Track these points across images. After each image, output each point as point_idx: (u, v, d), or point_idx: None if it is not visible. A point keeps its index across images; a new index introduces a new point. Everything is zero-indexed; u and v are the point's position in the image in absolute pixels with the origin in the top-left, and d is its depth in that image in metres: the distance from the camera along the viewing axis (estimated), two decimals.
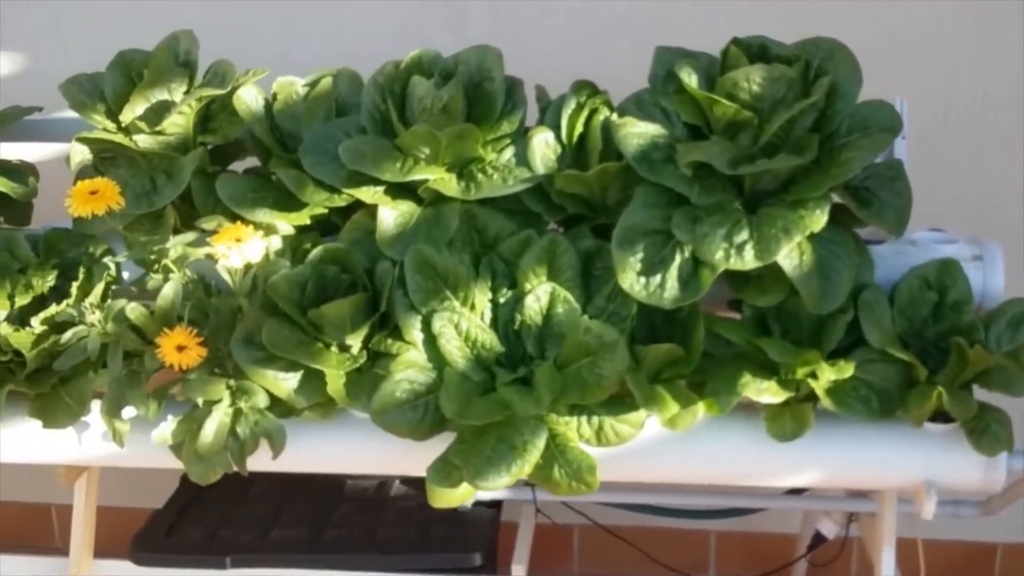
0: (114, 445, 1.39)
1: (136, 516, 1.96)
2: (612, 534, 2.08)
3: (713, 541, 2.34)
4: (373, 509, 1.76)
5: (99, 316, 1.29)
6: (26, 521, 2.42)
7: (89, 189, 1.29)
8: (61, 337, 1.30)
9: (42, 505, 2.41)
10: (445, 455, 1.28)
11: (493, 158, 1.37)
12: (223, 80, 1.42)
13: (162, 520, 1.73)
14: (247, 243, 1.26)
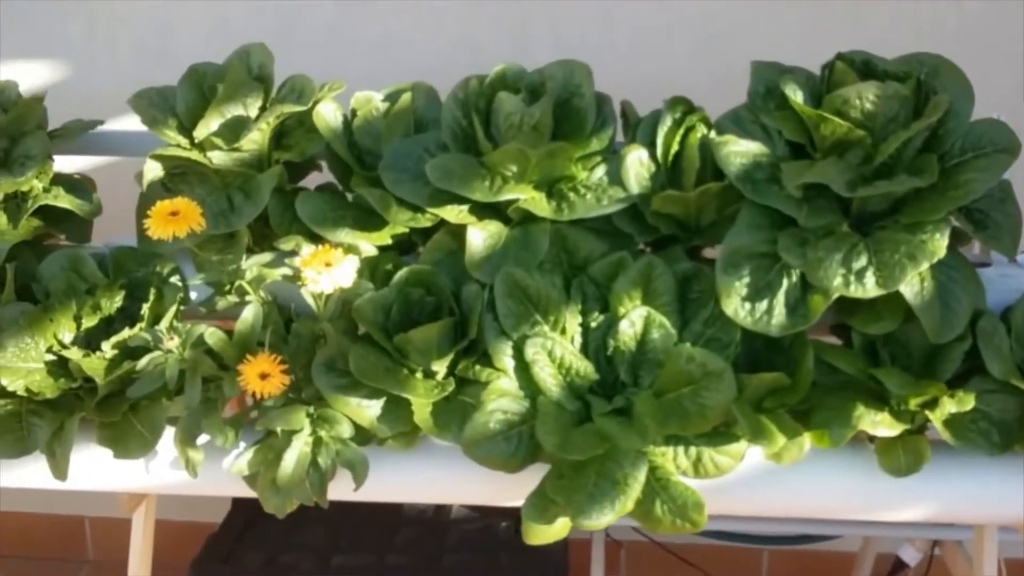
0: (182, 473, 1.33)
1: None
2: (665, 549, 2.03)
3: (766, 559, 2.29)
4: (435, 533, 1.71)
5: (177, 342, 1.23)
6: (59, 533, 2.37)
7: (169, 210, 1.23)
8: (136, 363, 1.24)
9: (75, 517, 2.36)
10: (541, 490, 1.23)
11: (584, 177, 1.31)
12: (300, 95, 1.36)
13: (219, 545, 1.68)
14: (337, 267, 1.20)
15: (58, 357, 1.29)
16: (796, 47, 1.38)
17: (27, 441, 1.26)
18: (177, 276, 1.38)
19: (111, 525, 2.35)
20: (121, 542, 2.34)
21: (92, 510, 2.34)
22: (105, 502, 2.29)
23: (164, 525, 2.31)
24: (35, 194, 1.36)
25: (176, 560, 2.30)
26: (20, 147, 1.37)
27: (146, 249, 1.39)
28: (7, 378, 1.24)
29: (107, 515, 2.33)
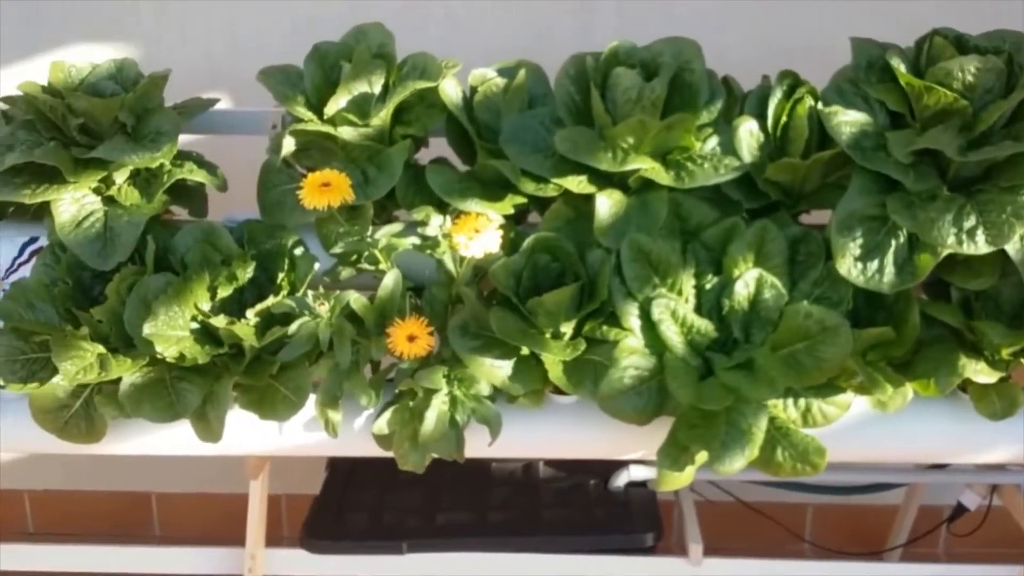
0: (312, 434, 1.40)
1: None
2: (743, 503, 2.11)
3: (810, 514, 2.39)
4: (528, 491, 1.79)
5: (328, 307, 1.30)
6: (125, 510, 2.41)
7: (321, 181, 1.30)
8: (287, 328, 1.30)
9: (142, 494, 2.41)
10: (674, 440, 1.31)
11: (698, 147, 1.39)
12: (423, 73, 1.43)
13: (325, 507, 1.74)
14: (485, 233, 1.27)
15: (201, 325, 1.35)
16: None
17: (177, 406, 1.31)
18: (301, 247, 1.44)
19: (177, 500, 2.40)
20: (186, 518, 2.41)
21: (158, 486, 2.39)
22: (171, 477, 2.35)
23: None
24: (167, 169, 1.41)
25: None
26: (149, 123, 1.42)
27: (272, 222, 1.45)
28: (161, 345, 1.30)
29: (173, 490, 2.38)
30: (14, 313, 1.34)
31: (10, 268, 1.48)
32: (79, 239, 1.38)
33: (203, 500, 2.41)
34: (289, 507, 2.38)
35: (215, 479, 2.34)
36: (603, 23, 1.97)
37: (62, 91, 1.41)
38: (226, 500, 2.38)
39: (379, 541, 1.65)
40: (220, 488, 2.37)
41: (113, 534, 2.39)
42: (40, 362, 1.35)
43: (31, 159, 1.35)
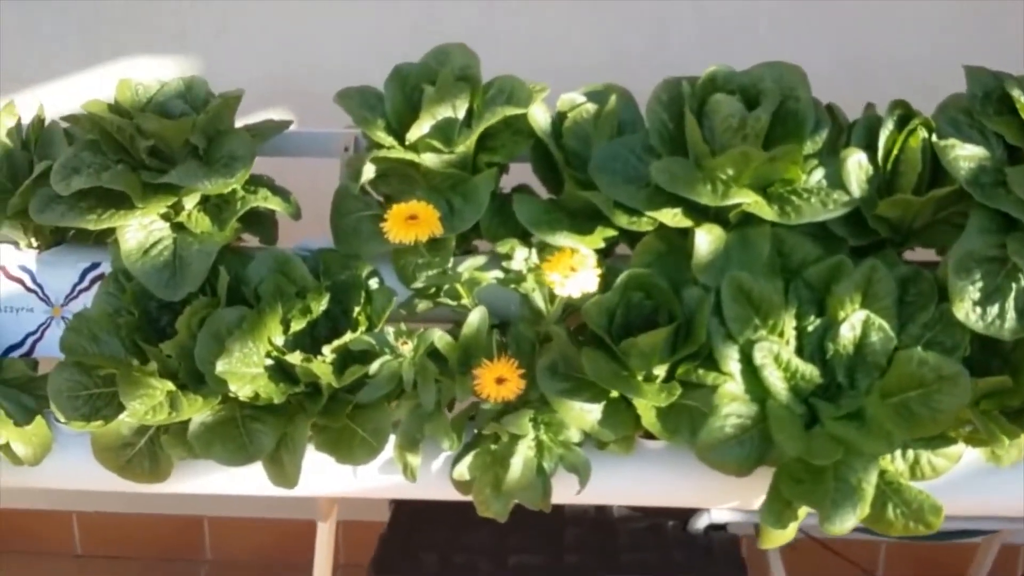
0: (389, 477, 1.33)
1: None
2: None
3: (883, 552, 2.30)
4: (603, 532, 1.71)
5: (411, 346, 1.22)
6: (175, 533, 2.36)
7: (407, 213, 1.22)
8: (367, 367, 1.23)
9: (194, 518, 2.35)
10: (777, 495, 1.23)
11: (803, 180, 1.31)
12: (510, 97, 1.35)
13: (392, 547, 1.67)
14: (582, 272, 1.20)
15: (275, 361, 1.28)
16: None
17: (250, 448, 1.24)
18: (376, 279, 1.37)
19: (229, 525, 2.34)
20: (238, 542, 2.34)
21: (210, 510, 2.33)
22: (223, 502, 2.29)
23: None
24: (240, 196, 1.34)
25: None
26: (222, 146, 1.35)
27: (347, 251, 1.38)
28: (235, 384, 1.23)
29: (225, 515, 2.32)
30: (77, 346, 1.27)
31: (70, 295, 1.42)
32: (146, 268, 1.31)
33: (256, 525, 2.35)
34: (346, 534, 2.32)
35: (269, 504, 2.28)
36: (679, 40, 1.90)
37: (130, 111, 1.34)
38: (280, 525, 2.33)
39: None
40: (274, 513, 2.32)
41: (163, 558, 2.33)
42: (104, 397, 1.29)
43: (98, 183, 1.28)
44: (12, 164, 1.39)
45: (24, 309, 1.42)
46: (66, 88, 2.01)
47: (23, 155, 1.40)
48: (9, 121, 1.42)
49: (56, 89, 2.02)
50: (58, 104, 1.90)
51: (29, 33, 1.95)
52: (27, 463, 1.32)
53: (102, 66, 2.00)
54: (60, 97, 1.93)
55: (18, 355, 1.41)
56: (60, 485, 1.39)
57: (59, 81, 2.02)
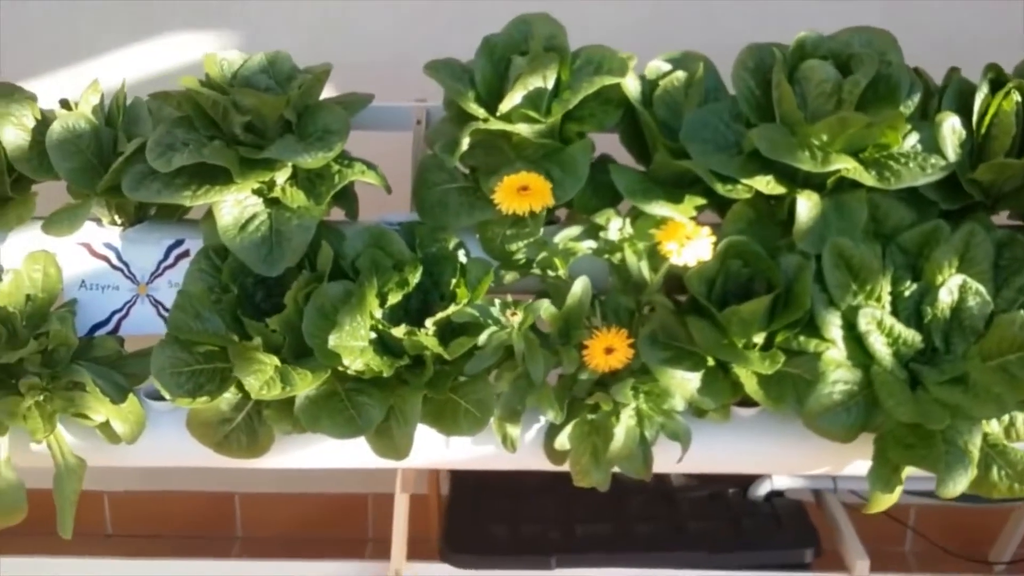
0: (483, 447, 1.34)
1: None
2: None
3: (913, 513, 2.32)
4: (665, 501, 1.72)
5: (520, 317, 1.22)
6: (206, 510, 2.35)
7: (519, 185, 1.22)
8: (476, 339, 1.23)
9: (225, 494, 2.34)
10: (884, 460, 1.24)
11: (898, 145, 1.32)
12: (599, 67, 1.35)
13: (460, 518, 1.67)
14: (696, 241, 1.20)
15: (378, 335, 1.28)
16: None
17: (359, 421, 1.24)
18: (463, 250, 1.37)
19: (260, 501, 2.33)
20: (269, 518, 2.34)
21: (241, 486, 2.32)
22: (253, 479, 2.28)
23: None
24: (337, 170, 1.33)
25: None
26: (315, 121, 1.35)
27: (433, 223, 1.38)
28: (348, 357, 1.22)
29: (256, 491, 2.31)
30: (183, 324, 1.26)
31: (155, 272, 1.41)
32: (244, 243, 1.30)
33: (287, 500, 2.34)
34: (375, 505, 2.32)
35: (299, 479, 2.28)
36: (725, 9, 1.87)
37: (223, 86, 1.33)
38: (311, 500, 2.32)
39: (525, 555, 1.57)
40: (304, 488, 2.31)
41: (194, 536, 2.32)
42: (206, 374, 1.28)
43: (199, 159, 1.27)
44: (98, 141, 1.37)
45: (110, 287, 1.41)
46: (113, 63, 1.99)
47: (108, 132, 1.39)
48: (94, 98, 1.40)
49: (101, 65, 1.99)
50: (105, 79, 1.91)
51: (73, 8, 1.92)
52: (125, 441, 1.31)
53: (147, 40, 1.98)
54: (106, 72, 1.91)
55: (103, 333, 1.41)
56: (152, 463, 1.39)
57: (105, 56, 1.99)
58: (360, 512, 2.29)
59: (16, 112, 1.37)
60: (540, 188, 1.23)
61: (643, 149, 1.40)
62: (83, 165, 1.36)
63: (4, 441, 1.31)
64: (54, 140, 1.34)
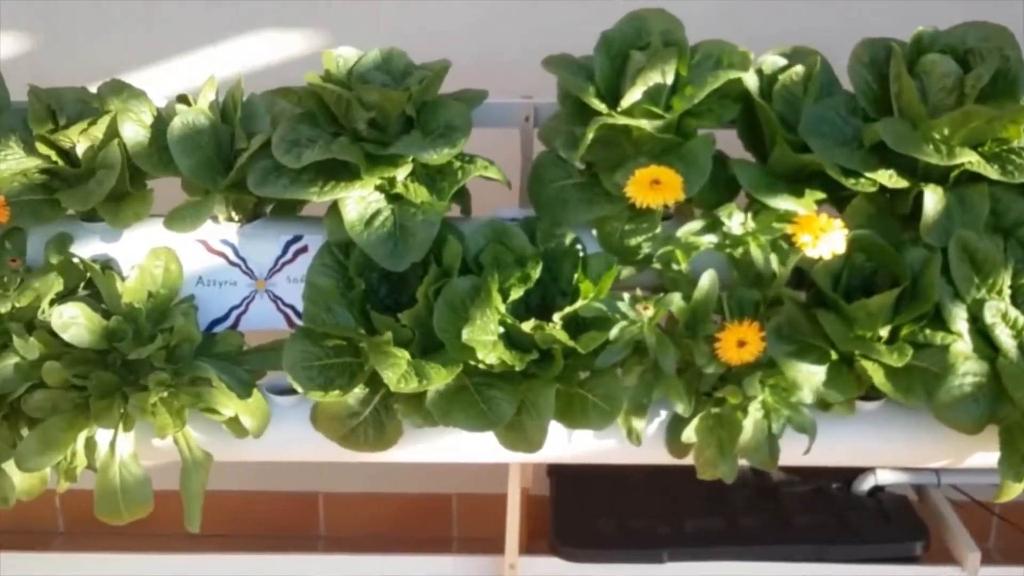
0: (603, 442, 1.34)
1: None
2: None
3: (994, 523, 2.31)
4: (768, 495, 1.72)
5: (652, 311, 1.23)
6: (291, 510, 2.35)
7: (651, 178, 1.23)
8: (607, 333, 1.24)
9: (309, 493, 2.35)
10: (1014, 452, 1.24)
11: (1018, 139, 1.32)
12: (718, 61, 1.36)
13: (568, 512, 1.67)
14: (831, 234, 1.20)
15: (505, 329, 1.29)
16: None
17: (490, 415, 1.25)
18: (579, 245, 1.38)
19: (343, 500, 2.34)
20: (353, 517, 2.34)
21: (325, 486, 2.33)
22: (337, 478, 2.29)
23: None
24: (459, 166, 1.34)
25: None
26: (437, 117, 1.36)
27: (551, 219, 1.39)
28: (482, 351, 1.23)
29: (339, 490, 2.32)
30: (317, 318, 1.27)
31: (273, 268, 1.42)
32: (371, 239, 1.31)
33: (371, 499, 2.35)
34: (460, 505, 2.33)
35: (383, 478, 2.29)
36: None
37: (348, 83, 1.34)
38: (394, 499, 2.33)
39: (637, 549, 1.58)
40: (387, 488, 2.32)
41: (278, 535, 2.33)
42: (336, 368, 1.29)
43: (329, 155, 1.28)
44: (217, 137, 1.38)
45: (227, 283, 1.42)
46: (193, 62, 1.99)
47: (225, 128, 1.40)
48: (210, 95, 1.41)
49: (184, 63, 2.00)
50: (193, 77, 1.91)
51: (152, 7, 1.92)
52: (252, 435, 1.32)
53: (230, 39, 1.98)
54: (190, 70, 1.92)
55: (222, 329, 1.42)
56: (276, 457, 1.40)
57: (185, 55, 2.00)
58: (444, 512, 2.30)
59: (135, 108, 1.38)
60: (672, 182, 1.23)
61: (759, 144, 1.40)
62: (203, 161, 1.37)
63: (130, 436, 1.32)
64: (175, 136, 1.35)
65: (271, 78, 1.45)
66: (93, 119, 1.36)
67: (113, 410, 1.27)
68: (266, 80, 1.48)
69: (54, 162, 1.38)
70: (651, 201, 1.23)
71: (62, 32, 1.92)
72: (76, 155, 1.38)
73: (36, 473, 1.32)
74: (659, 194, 1.23)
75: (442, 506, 2.32)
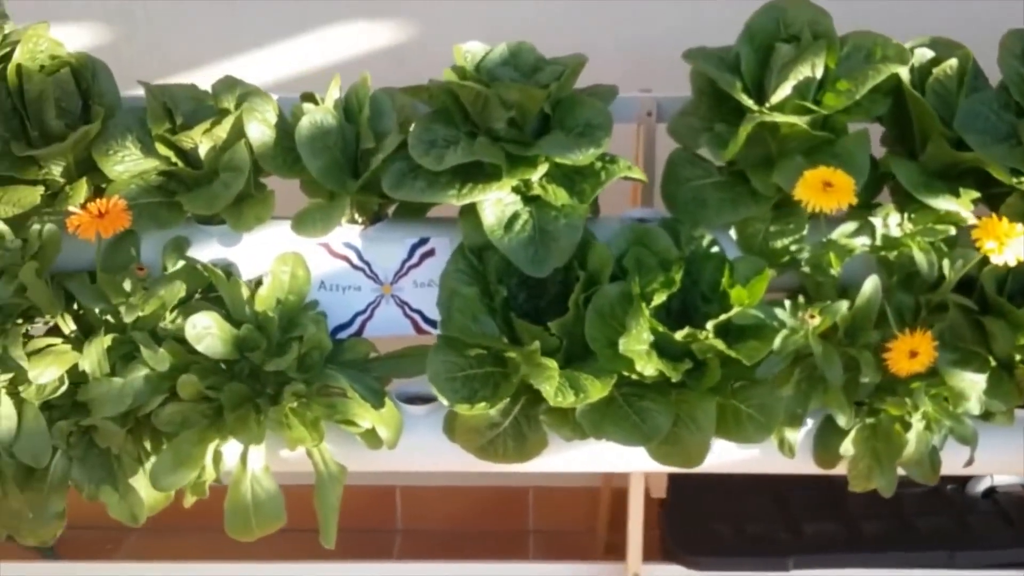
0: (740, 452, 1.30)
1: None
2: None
3: None
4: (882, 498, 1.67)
5: (818, 320, 1.18)
6: (368, 504, 2.31)
7: (822, 180, 1.17)
8: (771, 343, 1.18)
9: (386, 488, 2.30)
10: None
11: None
12: (869, 55, 1.30)
13: (682, 517, 1.63)
14: (1015, 239, 1.15)
15: (656, 337, 1.23)
16: None
17: (644, 428, 1.20)
18: (717, 247, 1.32)
19: (420, 494, 2.29)
20: (429, 511, 2.30)
21: (402, 480, 2.29)
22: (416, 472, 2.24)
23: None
24: (600, 167, 1.29)
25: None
26: (575, 115, 1.29)
27: (688, 220, 1.33)
28: (640, 362, 1.18)
29: (417, 484, 2.27)
30: (465, 328, 1.22)
31: (399, 272, 1.37)
32: (512, 244, 1.25)
33: (447, 493, 2.31)
34: (536, 498, 2.28)
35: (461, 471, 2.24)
36: None
37: (483, 79, 1.28)
38: (470, 493, 2.29)
39: (760, 556, 1.53)
40: (465, 481, 2.27)
41: (355, 529, 2.28)
42: (479, 379, 1.24)
43: (471, 157, 1.23)
44: (343, 138, 1.33)
45: (351, 288, 1.37)
46: (275, 56, 1.94)
47: (349, 128, 1.34)
48: (336, 93, 1.35)
49: (265, 57, 1.94)
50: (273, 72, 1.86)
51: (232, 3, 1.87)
52: (387, 446, 1.28)
53: (317, 30, 1.93)
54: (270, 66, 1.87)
55: (346, 335, 1.36)
56: (407, 467, 1.35)
57: (268, 48, 1.94)
58: (520, 505, 2.26)
59: (260, 108, 1.32)
60: (844, 184, 1.18)
61: (906, 141, 1.35)
62: (331, 162, 1.31)
63: (261, 449, 1.28)
64: (304, 136, 1.30)
65: (353, 73, 1.39)
66: (217, 118, 1.30)
67: (249, 423, 1.22)
68: (351, 74, 1.42)
69: (173, 163, 1.32)
70: (824, 204, 1.17)
71: (140, 25, 1.86)
72: (196, 156, 1.32)
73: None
74: (832, 197, 1.17)
75: (518, 500, 2.28)
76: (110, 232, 1.23)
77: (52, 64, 1.33)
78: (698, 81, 1.37)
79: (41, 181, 1.34)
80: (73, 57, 1.34)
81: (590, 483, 2.19)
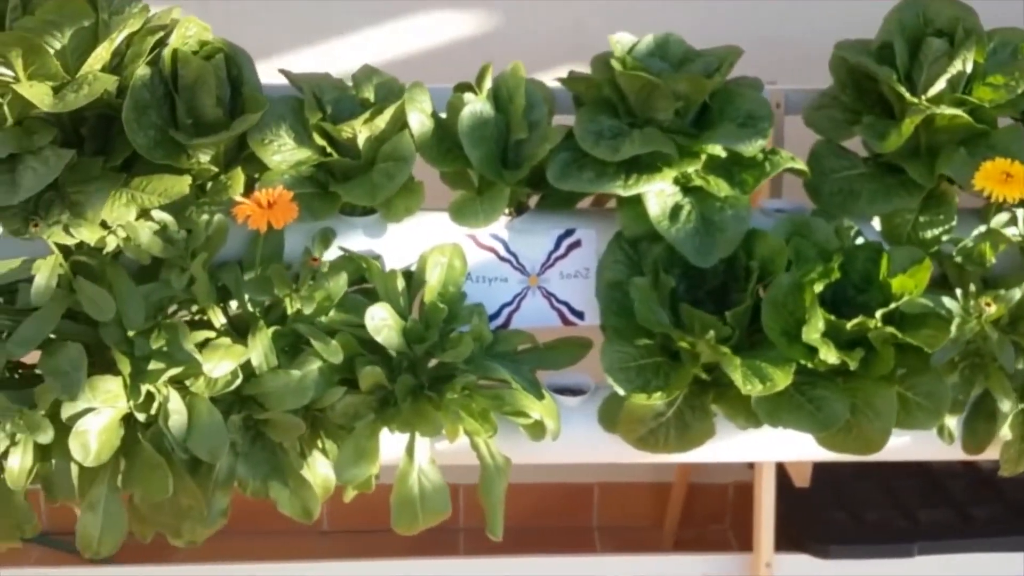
0: None
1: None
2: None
3: None
4: (987, 484, 1.71)
5: (993, 308, 1.20)
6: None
7: (1002, 171, 1.19)
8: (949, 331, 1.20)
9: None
10: None
11: None
12: (1016, 51, 1.33)
13: (801, 506, 1.64)
14: None
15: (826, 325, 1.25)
16: None
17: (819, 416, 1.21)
18: (861, 238, 1.34)
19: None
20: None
21: (463, 478, 2.27)
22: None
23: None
24: (764, 158, 1.30)
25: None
26: (734, 105, 1.31)
27: (835, 212, 1.35)
28: (824, 350, 1.20)
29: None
30: (649, 317, 1.22)
31: (545, 263, 1.37)
32: (680, 234, 1.26)
33: (512, 490, 2.29)
34: (601, 493, 2.29)
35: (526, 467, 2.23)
36: None
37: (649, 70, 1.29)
38: (536, 489, 2.28)
39: (886, 544, 1.56)
40: (529, 478, 2.27)
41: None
42: (651, 368, 1.25)
43: (644, 148, 1.23)
44: (497, 127, 1.32)
45: (498, 279, 1.36)
46: (350, 46, 1.92)
47: (500, 117, 1.34)
48: (488, 83, 1.35)
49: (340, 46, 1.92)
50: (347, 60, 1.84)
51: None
52: (551, 437, 1.27)
53: (390, 22, 1.91)
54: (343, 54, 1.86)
55: (494, 327, 1.36)
56: (564, 459, 1.36)
57: (343, 38, 1.93)
58: (586, 501, 2.26)
59: (419, 98, 1.31)
60: (1022, 175, 1.20)
61: None
62: (489, 152, 1.31)
63: (427, 442, 1.27)
64: (466, 126, 1.29)
65: (424, 65, 1.39)
66: (379, 107, 1.29)
67: (428, 414, 1.21)
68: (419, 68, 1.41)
69: (328, 154, 1.31)
70: (1008, 194, 1.19)
71: (216, 13, 1.84)
72: (351, 146, 1.31)
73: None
74: (1014, 187, 1.19)
75: (583, 495, 2.28)
76: (282, 223, 1.21)
77: (205, 50, 1.30)
78: (840, 72, 1.39)
79: (187, 170, 1.31)
80: (223, 43, 1.32)
81: (659, 478, 2.20)
